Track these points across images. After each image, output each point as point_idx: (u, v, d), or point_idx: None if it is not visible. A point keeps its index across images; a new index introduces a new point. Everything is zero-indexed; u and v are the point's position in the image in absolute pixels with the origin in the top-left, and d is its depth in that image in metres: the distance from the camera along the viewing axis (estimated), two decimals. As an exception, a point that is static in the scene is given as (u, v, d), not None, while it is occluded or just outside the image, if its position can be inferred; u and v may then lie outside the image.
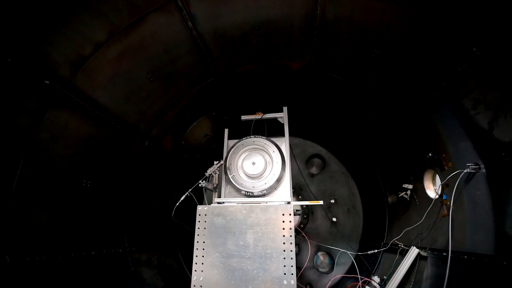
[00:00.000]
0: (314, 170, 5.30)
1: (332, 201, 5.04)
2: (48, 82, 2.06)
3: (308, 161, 5.33)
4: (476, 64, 1.81)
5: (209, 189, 3.21)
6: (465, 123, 2.07)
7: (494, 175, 1.86)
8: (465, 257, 1.97)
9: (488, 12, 1.63)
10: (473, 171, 2.05)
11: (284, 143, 3.15)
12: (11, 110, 1.90)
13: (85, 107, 2.42)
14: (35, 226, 2.04)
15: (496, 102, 1.76)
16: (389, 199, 3.72)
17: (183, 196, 2.87)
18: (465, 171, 2.09)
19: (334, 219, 4.93)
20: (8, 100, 1.88)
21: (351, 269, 4.30)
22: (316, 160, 5.30)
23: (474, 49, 1.75)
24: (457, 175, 2.17)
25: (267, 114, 3.57)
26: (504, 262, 1.61)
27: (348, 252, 3.41)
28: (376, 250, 3.36)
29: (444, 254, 2.19)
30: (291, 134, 4.07)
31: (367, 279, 3.24)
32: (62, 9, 1.97)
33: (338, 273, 4.45)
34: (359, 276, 3.07)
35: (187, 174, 4.32)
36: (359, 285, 3.09)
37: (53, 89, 2.12)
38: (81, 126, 2.47)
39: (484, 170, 1.96)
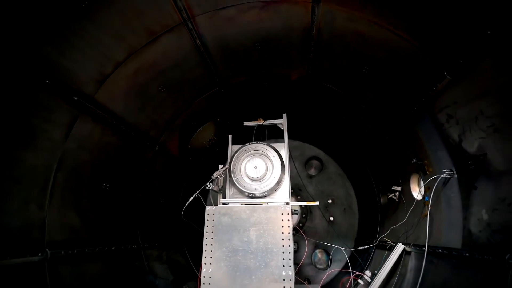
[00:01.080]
0: (312, 171, 5.63)
1: (330, 201, 5.38)
2: (76, 98, 2.39)
3: (307, 163, 5.66)
4: (447, 85, 2.14)
5: (215, 191, 3.55)
6: (441, 134, 2.40)
7: (462, 180, 2.20)
8: (439, 250, 2.31)
9: (457, 44, 1.96)
10: (448, 176, 2.39)
11: (283, 148, 3.48)
12: (47, 125, 2.23)
13: (105, 118, 2.75)
14: (67, 224, 2.38)
15: (463, 118, 2.09)
16: (381, 200, 4.06)
17: (192, 197, 3.21)
18: (442, 176, 2.43)
19: (331, 218, 5.27)
20: (44, 115, 2.21)
21: (347, 266, 4.65)
22: (315, 162, 5.64)
23: (445, 73, 2.08)
24: (436, 179, 2.50)
25: (268, 121, 3.90)
26: (467, 254, 1.95)
27: (341, 248, 3.75)
28: (366, 246, 3.71)
29: (424, 249, 2.53)
30: (291, 137, 4.41)
31: (360, 273, 3.58)
32: (89, 34, 2.30)
33: (334, 270, 4.80)
34: (351, 271, 3.41)
35: (193, 176, 4.66)
36: (351, 279, 3.43)
37: (80, 104, 2.45)
38: (102, 135, 2.80)
39: (456, 176, 2.30)
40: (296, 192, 5.45)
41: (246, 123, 3.98)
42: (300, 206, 5.26)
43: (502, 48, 1.65)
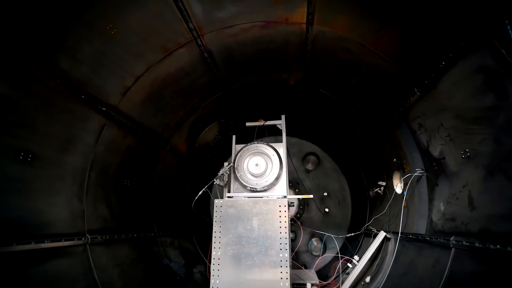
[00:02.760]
0: (309, 166, 6.15)
1: (325, 194, 5.92)
2: (105, 109, 2.87)
3: (304, 159, 6.17)
4: (417, 100, 2.61)
5: (221, 186, 4.08)
6: (414, 139, 2.89)
7: (429, 178, 2.70)
8: (410, 236, 2.84)
9: (423, 67, 2.42)
10: (420, 174, 2.90)
11: (282, 147, 3.97)
12: (83, 132, 2.73)
13: (126, 124, 3.23)
14: (99, 215, 2.90)
15: (430, 128, 2.57)
16: (370, 193, 4.58)
17: (201, 192, 3.73)
18: (415, 174, 2.93)
19: (327, 210, 5.83)
20: (81, 125, 2.70)
21: (340, 252, 5.24)
22: (312, 158, 6.15)
23: (416, 90, 2.55)
24: (410, 176, 3.01)
25: (268, 121, 4.39)
26: (427, 238, 2.48)
27: (332, 236, 4.31)
28: (353, 234, 4.27)
29: (400, 235, 3.07)
30: (290, 134, 4.87)
31: (349, 257, 4.15)
32: (116, 55, 2.75)
33: (328, 256, 5.38)
34: (339, 255, 3.98)
35: (199, 171, 5.18)
36: (340, 262, 4.00)
37: (107, 113, 2.93)
38: (124, 138, 3.30)
39: (425, 175, 2.80)
40: (294, 185, 5.99)
41: (248, 124, 4.47)
42: (298, 198, 5.82)
43: (453, 76, 2.12)
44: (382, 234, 3.52)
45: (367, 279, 3.39)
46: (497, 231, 1.78)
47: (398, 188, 3.62)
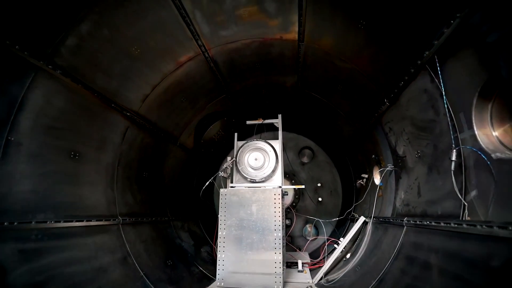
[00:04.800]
0: (305, 159, 6.84)
1: (319, 185, 6.64)
2: (129, 114, 3.54)
3: (300, 152, 6.86)
4: (387, 108, 3.26)
5: (224, 177, 4.78)
6: (387, 140, 3.56)
7: (396, 173, 3.39)
8: (380, 219, 3.56)
9: (389, 83, 3.05)
10: (391, 169, 3.58)
11: (278, 144, 4.64)
12: (113, 134, 3.40)
13: (145, 125, 3.91)
14: (126, 201, 3.61)
15: (396, 131, 3.24)
16: (357, 184, 5.29)
17: (208, 182, 4.44)
18: (387, 169, 3.62)
19: (320, 199, 6.56)
20: (111, 128, 3.37)
21: (331, 236, 6.01)
22: (307, 151, 6.84)
23: (385, 101, 3.19)
24: (383, 170, 3.70)
25: (266, 120, 5.06)
26: (391, 220, 3.19)
27: (320, 220, 5.05)
28: (337, 218, 5.02)
29: (373, 219, 3.79)
30: (287, 130, 5.51)
31: (335, 239, 4.90)
32: (139, 70, 3.39)
33: (320, 240, 6.15)
34: (325, 238, 4.73)
35: (204, 164, 5.88)
36: (327, 244, 4.76)
37: (131, 118, 3.60)
38: (143, 137, 3.97)
39: (394, 169, 3.49)
40: (291, 177, 6.70)
41: (248, 122, 5.15)
42: (294, 189, 6.55)
43: (409, 94, 2.76)
44: (362, 219, 4.24)
45: (348, 256, 4.14)
46: (430, 212, 2.47)
47: (377, 180, 4.32)
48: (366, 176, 4.64)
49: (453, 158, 2.07)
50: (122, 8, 2.74)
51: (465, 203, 2.00)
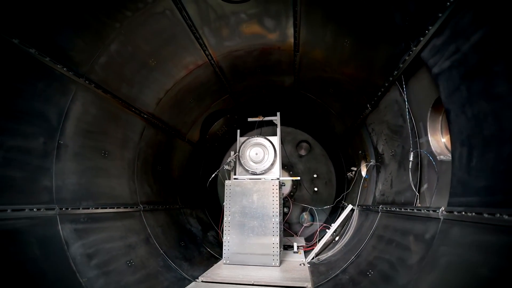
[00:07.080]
0: (302, 152, 7.49)
1: (315, 176, 7.32)
2: (146, 116, 4.16)
3: (298, 145, 7.50)
4: (369, 112, 3.87)
5: (228, 170, 5.44)
6: (370, 138, 4.18)
7: (377, 167, 4.03)
8: (363, 207, 4.24)
9: (371, 91, 3.64)
10: (373, 164, 4.23)
11: (277, 140, 5.26)
12: (133, 134, 4.03)
13: (158, 125, 4.53)
14: (144, 192, 4.28)
15: (377, 132, 3.86)
16: (348, 176, 5.96)
17: (214, 174, 5.10)
18: (370, 164, 4.26)
19: (316, 189, 7.25)
20: (131, 128, 4.00)
21: (324, 223, 6.74)
22: (304, 145, 7.47)
23: (368, 106, 3.80)
24: (368, 165, 4.34)
25: (266, 117, 5.67)
26: (370, 207, 3.86)
27: (313, 208, 5.75)
28: (327, 206, 5.71)
29: (358, 207, 4.47)
30: (286, 124, 6.12)
31: (326, 224, 5.61)
32: (155, 78, 3.98)
33: (315, 226, 6.88)
34: (317, 223, 5.43)
35: (209, 157, 6.54)
36: (319, 228, 5.47)
37: (147, 119, 4.22)
38: (157, 135, 4.60)
39: (375, 164, 4.13)
40: (289, 168, 7.37)
41: (249, 119, 5.76)
42: (292, 180, 7.23)
43: (385, 102, 3.37)
44: (349, 207, 4.92)
45: (337, 238, 4.85)
46: (397, 201, 3.14)
47: (363, 173, 4.98)
48: (355, 169, 5.29)
49: (411, 158, 2.71)
50: (142, 27, 3.32)
51: (417, 194, 2.65)
